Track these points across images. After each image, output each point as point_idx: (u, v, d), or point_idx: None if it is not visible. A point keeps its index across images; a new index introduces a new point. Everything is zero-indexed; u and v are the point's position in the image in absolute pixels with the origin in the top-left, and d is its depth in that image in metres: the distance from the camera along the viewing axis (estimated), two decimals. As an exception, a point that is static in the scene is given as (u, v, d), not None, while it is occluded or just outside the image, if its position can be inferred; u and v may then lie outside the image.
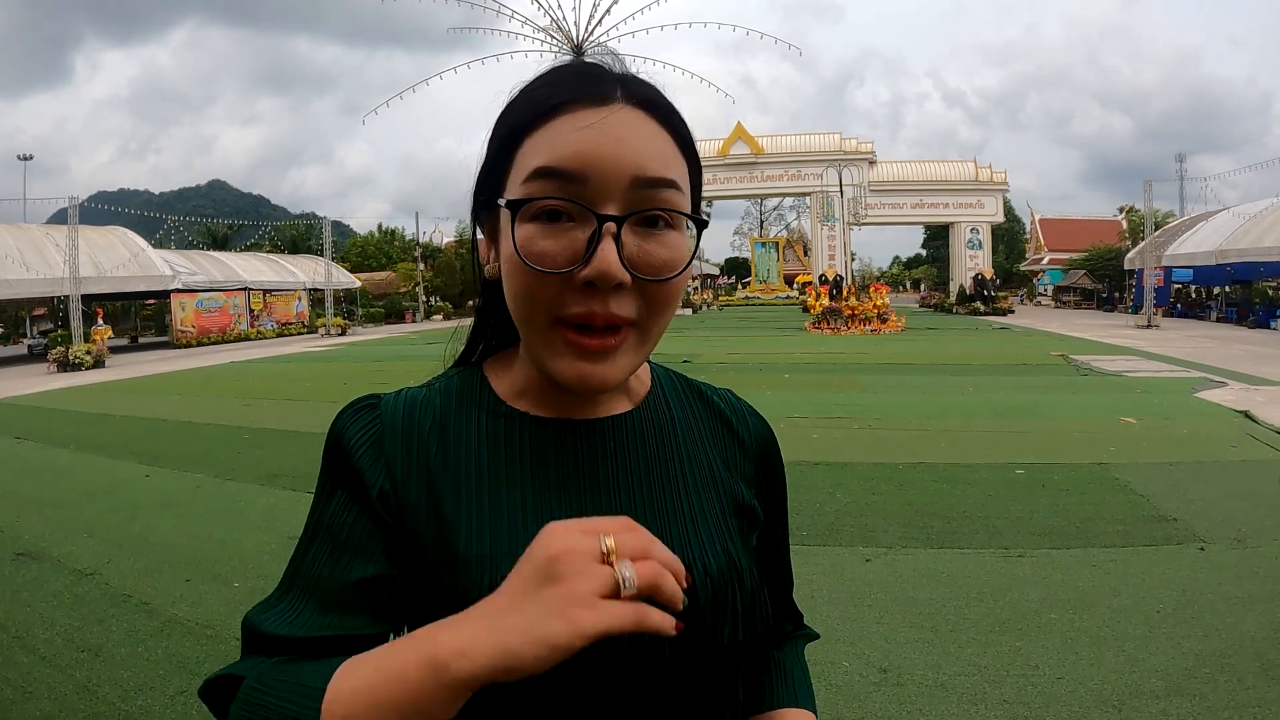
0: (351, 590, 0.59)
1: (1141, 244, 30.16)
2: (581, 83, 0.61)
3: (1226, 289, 30.51)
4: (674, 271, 0.60)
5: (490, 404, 0.68)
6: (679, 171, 0.61)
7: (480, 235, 0.70)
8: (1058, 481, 5.55)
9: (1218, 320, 29.26)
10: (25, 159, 54.56)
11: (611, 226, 0.57)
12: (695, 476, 0.69)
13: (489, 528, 0.61)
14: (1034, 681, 2.86)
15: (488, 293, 0.72)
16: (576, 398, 0.67)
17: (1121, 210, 54.66)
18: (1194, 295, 35.12)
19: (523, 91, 0.64)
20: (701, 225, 0.63)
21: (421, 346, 21.98)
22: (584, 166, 0.57)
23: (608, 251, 0.56)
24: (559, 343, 0.60)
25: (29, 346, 31.61)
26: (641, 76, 0.64)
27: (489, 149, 0.66)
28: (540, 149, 0.59)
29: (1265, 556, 4.04)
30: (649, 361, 0.75)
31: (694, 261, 0.62)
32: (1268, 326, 24.42)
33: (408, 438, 0.64)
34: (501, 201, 0.60)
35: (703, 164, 0.66)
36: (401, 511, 0.61)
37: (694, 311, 39.21)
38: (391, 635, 0.59)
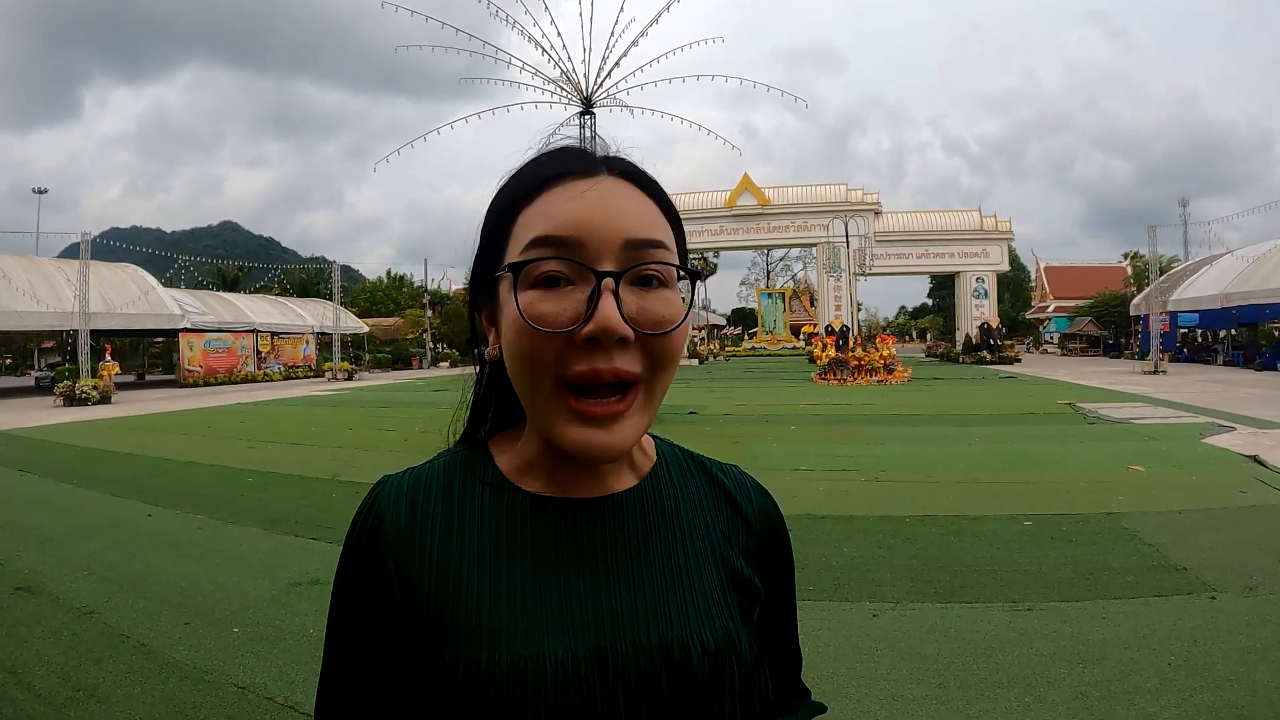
0: None
1: (1147, 290, 30.26)
2: (568, 159, 0.66)
3: (1233, 332, 30.50)
4: (672, 324, 0.62)
5: (493, 478, 0.69)
6: (665, 233, 0.65)
7: (479, 319, 0.72)
8: (1066, 532, 5.48)
9: (1224, 364, 29.24)
10: (40, 192, 52.90)
11: (610, 283, 0.59)
12: (696, 553, 0.69)
13: (488, 605, 0.62)
14: (1044, 739, 2.79)
15: (487, 374, 0.74)
16: (580, 473, 0.68)
17: (1126, 256, 54.96)
18: (1200, 339, 35.10)
19: (512, 176, 0.68)
20: (695, 277, 0.66)
21: (427, 393, 22.01)
22: (579, 231, 0.60)
23: (608, 306, 0.58)
24: (565, 411, 0.61)
25: (36, 379, 31.84)
26: (621, 154, 0.68)
27: (483, 231, 0.69)
28: (535, 220, 0.62)
29: (1277, 604, 3.98)
30: (654, 437, 0.76)
31: (691, 314, 0.64)
32: (1274, 369, 24.39)
33: (410, 519, 0.66)
34: (503, 268, 0.62)
35: (710, 215, 0.69)
36: (406, 593, 0.63)
37: (700, 362, 39.18)
38: None
